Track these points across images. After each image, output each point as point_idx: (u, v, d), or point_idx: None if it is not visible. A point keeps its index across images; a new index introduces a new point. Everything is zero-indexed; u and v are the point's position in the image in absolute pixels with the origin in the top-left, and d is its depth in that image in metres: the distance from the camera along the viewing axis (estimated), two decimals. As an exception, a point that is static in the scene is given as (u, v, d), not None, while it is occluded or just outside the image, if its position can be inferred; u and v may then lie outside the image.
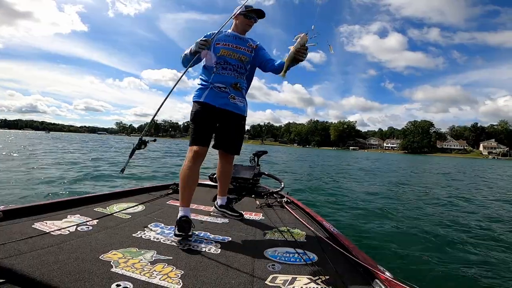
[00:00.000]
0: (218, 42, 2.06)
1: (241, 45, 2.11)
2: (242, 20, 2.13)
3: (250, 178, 3.20)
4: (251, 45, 2.16)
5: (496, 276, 2.69)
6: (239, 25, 2.16)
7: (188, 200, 1.89)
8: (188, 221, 1.74)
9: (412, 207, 5.89)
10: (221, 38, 2.09)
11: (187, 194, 1.88)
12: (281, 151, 44.04)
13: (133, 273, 1.22)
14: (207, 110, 1.99)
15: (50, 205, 1.99)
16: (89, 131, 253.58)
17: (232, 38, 2.11)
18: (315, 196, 6.70)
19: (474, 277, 2.65)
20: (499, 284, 2.54)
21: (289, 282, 1.27)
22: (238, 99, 2.08)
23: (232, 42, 2.09)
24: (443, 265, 2.86)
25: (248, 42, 2.16)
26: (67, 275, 1.13)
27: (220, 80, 2.01)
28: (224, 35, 2.11)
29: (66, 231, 1.61)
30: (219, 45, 2.05)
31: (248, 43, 2.16)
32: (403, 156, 73.78)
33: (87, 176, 7.50)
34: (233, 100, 2.04)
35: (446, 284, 2.52)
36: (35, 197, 4.76)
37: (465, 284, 2.54)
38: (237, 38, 2.13)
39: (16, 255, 1.24)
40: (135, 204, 2.33)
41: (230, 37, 2.11)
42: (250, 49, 2.14)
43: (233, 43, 2.09)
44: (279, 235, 1.88)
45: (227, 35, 2.12)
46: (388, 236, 3.78)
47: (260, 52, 2.17)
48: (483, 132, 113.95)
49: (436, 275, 2.64)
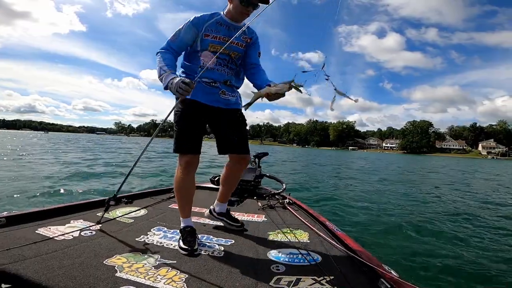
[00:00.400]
0: (207, 33, 1.70)
1: (237, 39, 1.75)
2: (236, 5, 1.69)
3: (252, 180, 3.20)
4: (245, 38, 1.81)
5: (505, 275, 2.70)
6: (233, 12, 1.72)
7: (189, 211, 1.78)
8: (193, 233, 1.67)
9: (417, 207, 5.91)
10: (211, 27, 1.71)
11: (186, 205, 1.77)
12: (281, 152, 44.03)
13: (138, 278, 1.22)
14: (195, 109, 1.71)
15: (53, 211, 1.99)
16: (88, 131, 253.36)
17: (225, 29, 1.73)
18: (317, 196, 6.71)
19: (480, 276, 2.67)
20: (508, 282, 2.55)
21: (294, 283, 1.27)
22: (230, 94, 1.81)
23: (224, 34, 1.73)
24: (449, 265, 2.88)
25: (243, 34, 1.77)
26: (72, 280, 1.13)
27: (209, 76, 1.72)
28: (215, 22, 1.72)
29: (70, 236, 1.61)
30: (208, 38, 1.70)
31: (243, 35, 1.78)
32: (403, 156, 73.78)
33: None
34: (224, 96, 1.77)
35: (452, 283, 2.53)
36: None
37: (470, 283, 2.55)
38: (230, 29, 1.74)
39: (21, 260, 1.24)
40: (137, 208, 2.33)
41: (222, 27, 1.73)
42: (243, 43, 1.81)
43: (225, 36, 1.72)
44: (282, 236, 1.89)
45: (218, 23, 1.72)
46: (393, 236, 3.80)
47: (250, 48, 1.85)
48: (482, 132, 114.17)
49: (442, 275, 2.64)
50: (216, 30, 1.71)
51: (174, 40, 1.69)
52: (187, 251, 1.54)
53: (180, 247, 1.58)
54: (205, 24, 1.70)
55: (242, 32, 1.72)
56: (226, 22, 1.74)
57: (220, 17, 1.74)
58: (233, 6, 1.70)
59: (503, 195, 8.42)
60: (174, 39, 1.69)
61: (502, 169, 25.96)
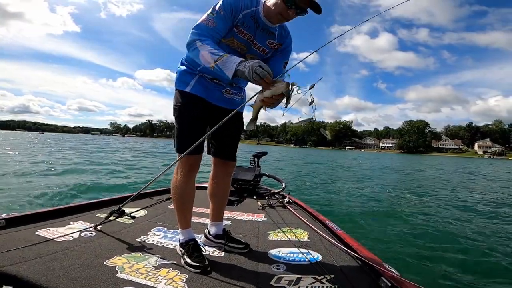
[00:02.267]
0: (238, 23, 1.41)
1: (260, 41, 1.49)
2: (278, 3, 1.35)
3: (251, 180, 3.20)
4: (272, 44, 1.53)
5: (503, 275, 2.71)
6: (271, 11, 1.40)
7: (190, 220, 1.58)
8: (199, 247, 1.51)
9: (416, 206, 5.93)
10: (245, 19, 1.41)
11: (188, 214, 1.57)
12: (278, 151, 44.03)
13: (138, 278, 1.22)
14: (198, 105, 1.51)
15: (52, 212, 1.98)
16: (83, 132, 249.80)
17: (254, 25, 1.44)
18: (317, 195, 6.71)
19: (480, 273, 2.69)
20: (506, 282, 2.57)
21: (294, 282, 1.27)
22: (235, 93, 1.63)
23: (251, 31, 1.45)
24: (450, 263, 2.90)
25: (271, 39, 1.51)
26: (73, 281, 1.13)
27: (213, 74, 1.51)
28: (250, 14, 1.41)
29: (70, 237, 1.61)
30: (235, 30, 1.43)
31: (271, 40, 1.51)
32: (403, 156, 73.97)
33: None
34: (229, 95, 1.59)
35: (453, 281, 2.54)
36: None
37: (471, 281, 2.56)
38: (259, 28, 1.45)
39: (22, 262, 1.23)
40: (137, 209, 2.32)
41: (252, 23, 1.43)
42: (268, 50, 1.54)
43: (251, 33, 1.45)
44: (282, 236, 1.89)
45: (252, 17, 1.42)
46: (393, 234, 3.82)
47: (277, 55, 1.58)
48: (478, 132, 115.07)
49: (442, 273, 2.66)
50: (246, 25, 1.43)
51: (213, 25, 1.35)
52: (199, 268, 1.34)
53: (189, 264, 1.38)
54: (243, 12, 1.40)
55: (268, 36, 1.49)
56: (259, 19, 1.44)
57: (257, 9, 1.43)
58: (275, 3, 1.37)
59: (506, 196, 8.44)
60: (212, 24, 1.35)
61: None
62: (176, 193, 1.54)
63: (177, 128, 1.54)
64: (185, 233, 1.55)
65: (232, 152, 1.70)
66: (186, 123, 1.51)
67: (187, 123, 1.51)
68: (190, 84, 1.52)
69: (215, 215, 1.74)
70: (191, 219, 1.61)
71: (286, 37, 1.57)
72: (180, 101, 1.53)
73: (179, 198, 1.54)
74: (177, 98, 1.55)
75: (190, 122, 1.51)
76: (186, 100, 1.52)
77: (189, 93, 1.51)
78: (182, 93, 1.53)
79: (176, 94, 1.56)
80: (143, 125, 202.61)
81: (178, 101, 1.54)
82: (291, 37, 1.59)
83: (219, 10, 1.35)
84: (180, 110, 1.52)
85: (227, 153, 1.68)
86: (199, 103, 1.51)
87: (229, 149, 1.68)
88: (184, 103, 1.52)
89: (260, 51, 1.53)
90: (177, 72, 1.58)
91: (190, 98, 1.51)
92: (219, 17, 1.35)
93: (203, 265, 1.36)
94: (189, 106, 1.51)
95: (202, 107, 1.52)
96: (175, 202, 1.56)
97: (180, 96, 1.54)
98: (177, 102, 1.54)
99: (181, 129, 1.51)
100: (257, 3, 1.43)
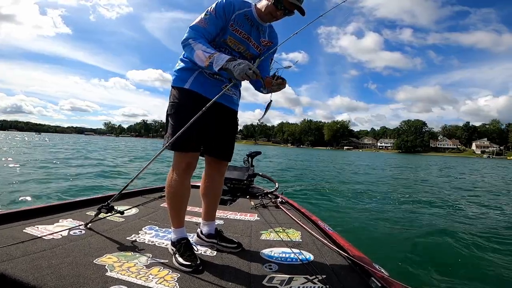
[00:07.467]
0: (233, 23, 1.52)
1: (254, 38, 1.60)
2: (268, 4, 1.53)
3: (244, 179, 3.20)
4: (264, 42, 1.66)
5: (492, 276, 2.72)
6: (262, 11, 1.56)
7: (183, 218, 1.58)
8: (191, 246, 1.51)
9: (407, 207, 5.94)
10: (238, 18, 1.53)
11: (182, 212, 1.57)
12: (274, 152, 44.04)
13: (129, 277, 1.21)
14: (196, 102, 1.49)
15: (41, 210, 1.95)
16: (77, 132, 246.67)
17: (248, 24, 1.57)
18: (310, 196, 6.72)
19: (471, 275, 2.69)
20: (496, 283, 2.59)
21: (286, 282, 1.28)
22: (232, 91, 1.65)
23: (246, 30, 1.57)
24: (440, 264, 2.90)
25: (263, 37, 1.64)
26: (61, 280, 1.12)
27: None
28: (243, 14, 1.54)
29: (59, 235, 1.58)
30: (231, 29, 1.54)
31: (262, 38, 1.64)
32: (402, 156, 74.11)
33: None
34: (228, 92, 1.59)
35: (442, 282, 2.55)
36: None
37: (461, 282, 2.57)
38: (253, 27, 1.59)
39: (8, 260, 1.22)
40: (128, 207, 2.30)
41: (247, 22, 1.56)
42: (260, 47, 1.65)
43: (246, 32, 1.57)
44: (275, 235, 1.89)
45: (246, 16, 1.55)
46: (384, 236, 3.83)
47: (266, 54, 1.68)
48: (475, 131, 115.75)
49: (432, 274, 2.66)
50: (241, 24, 1.54)
51: (205, 26, 1.48)
52: (191, 267, 1.35)
53: (180, 263, 1.38)
54: (236, 13, 1.52)
55: (261, 34, 1.62)
56: (253, 18, 1.57)
57: (250, 9, 1.57)
58: (265, 5, 1.53)
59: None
60: (204, 24, 1.47)
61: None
62: (171, 192, 1.53)
63: (172, 124, 1.52)
64: (178, 232, 1.54)
65: (226, 152, 1.69)
66: (183, 118, 1.46)
67: (185, 118, 1.45)
68: (188, 81, 1.53)
69: (207, 214, 1.74)
70: (186, 218, 1.61)
71: (275, 37, 1.72)
72: (177, 97, 1.54)
73: (174, 196, 1.54)
74: (174, 95, 1.55)
75: (188, 118, 1.45)
76: (184, 96, 1.53)
77: (187, 90, 1.52)
78: (180, 90, 1.54)
79: (173, 91, 1.56)
80: (138, 125, 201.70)
81: (175, 97, 1.54)
82: (277, 38, 1.75)
83: (212, 12, 1.48)
84: (178, 106, 1.52)
85: (220, 152, 1.67)
86: (197, 98, 1.51)
87: (223, 148, 1.67)
88: (181, 99, 1.53)
89: (255, 47, 1.63)
90: (175, 70, 1.59)
91: (188, 95, 1.52)
92: (211, 18, 1.48)
93: (194, 264, 1.36)
94: (187, 102, 1.51)
95: (200, 103, 1.48)
96: (169, 200, 1.55)
97: (177, 93, 1.54)
98: (174, 99, 1.54)
99: (178, 125, 1.47)
100: (249, 5, 1.58)
